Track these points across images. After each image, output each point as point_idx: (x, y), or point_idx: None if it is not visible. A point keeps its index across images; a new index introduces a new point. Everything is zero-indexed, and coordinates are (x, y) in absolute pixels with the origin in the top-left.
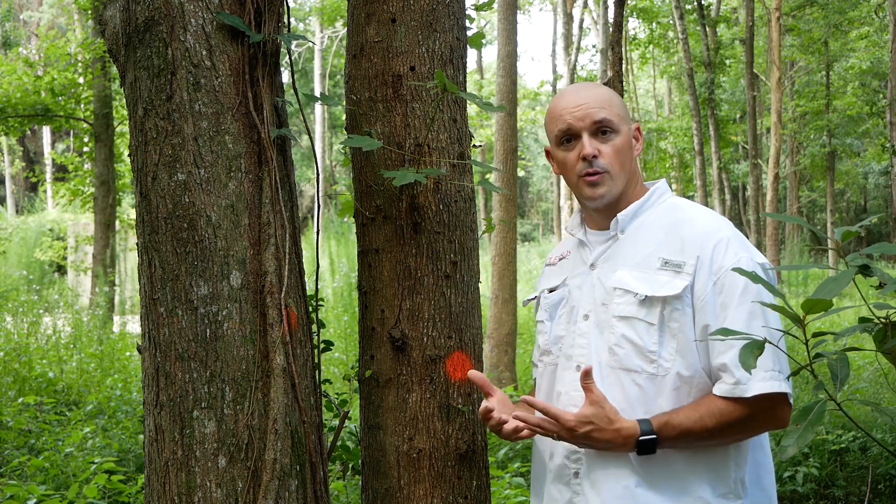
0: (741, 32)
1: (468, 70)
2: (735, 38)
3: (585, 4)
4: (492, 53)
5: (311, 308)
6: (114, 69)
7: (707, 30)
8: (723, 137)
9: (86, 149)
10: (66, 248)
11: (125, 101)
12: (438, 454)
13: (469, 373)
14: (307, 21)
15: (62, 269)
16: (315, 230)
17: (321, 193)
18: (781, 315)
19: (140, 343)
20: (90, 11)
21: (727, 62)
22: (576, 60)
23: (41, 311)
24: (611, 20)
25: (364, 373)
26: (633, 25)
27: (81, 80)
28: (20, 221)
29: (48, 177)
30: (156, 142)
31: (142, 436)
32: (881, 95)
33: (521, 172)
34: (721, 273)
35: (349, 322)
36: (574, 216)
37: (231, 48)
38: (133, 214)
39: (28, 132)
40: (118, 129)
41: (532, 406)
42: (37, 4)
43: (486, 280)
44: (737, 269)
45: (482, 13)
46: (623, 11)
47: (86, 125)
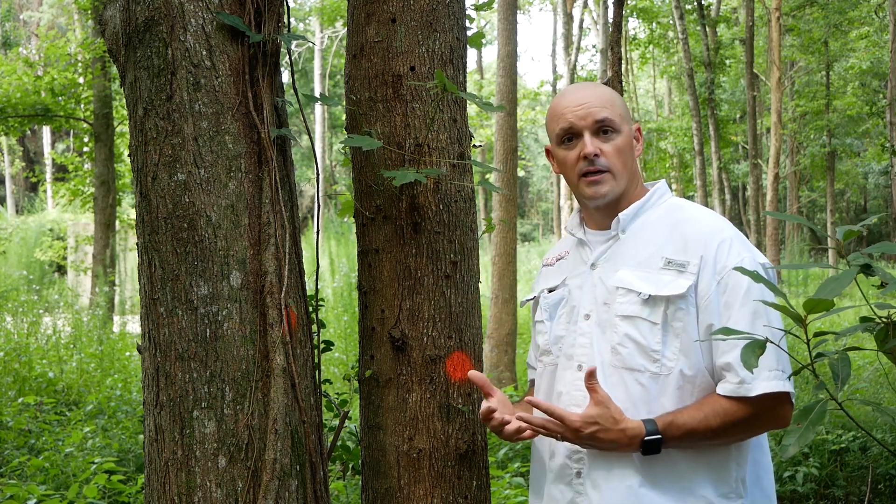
0: (741, 32)
1: (468, 70)
2: (735, 38)
3: (585, 4)
4: (492, 53)
5: (311, 308)
6: (114, 69)
7: (707, 30)
8: (723, 137)
9: (86, 149)
10: (66, 248)
11: (125, 101)
12: (438, 454)
13: (469, 373)
14: (307, 21)
15: (62, 269)
16: (315, 230)
17: (321, 193)
18: (783, 314)
19: (140, 343)
20: (90, 11)
21: (727, 62)
22: (576, 60)
23: (41, 311)
24: (611, 20)
25: (364, 373)
26: (633, 25)
27: (81, 80)
28: (20, 221)
29: (48, 177)
30: (156, 142)
31: (142, 436)
32: (881, 95)
33: (521, 172)
34: (725, 273)
35: (349, 322)
36: (573, 216)
37: (231, 48)
38: (133, 214)
39: (28, 132)
40: (118, 129)
41: (536, 407)
42: (37, 4)
43: (486, 280)
44: (738, 269)
45: (482, 13)
46: (622, 11)
47: (86, 125)
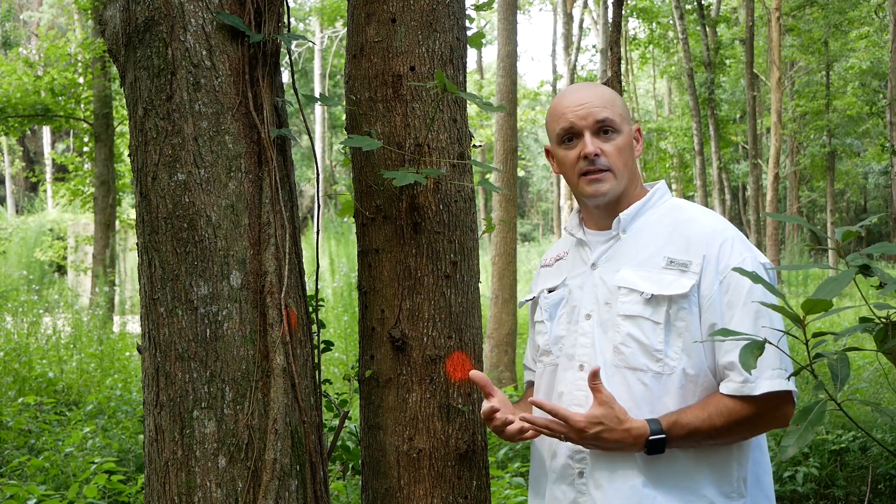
0: (741, 32)
1: (468, 70)
2: (735, 38)
3: (585, 4)
4: (492, 53)
5: (311, 308)
6: (114, 69)
7: (707, 30)
8: (723, 137)
9: (86, 149)
10: (66, 248)
11: (125, 101)
12: (438, 454)
13: (470, 373)
14: (307, 21)
15: (62, 269)
16: (315, 230)
17: (321, 193)
18: (782, 315)
19: (140, 343)
20: (90, 11)
21: (727, 62)
22: (576, 60)
23: (41, 311)
24: (610, 20)
25: (364, 373)
26: (633, 25)
27: (81, 80)
28: (20, 221)
29: (48, 177)
30: (156, 142)
31: (142, 436)
32: (881, 95)
33: (521, 172)
34: (727, 272)
35: (349, 322)
36: (573, 216)
37: (231, 48)
38: (133, 214)
39: (28, 132)
40: (118, 129)
41: (540, 407)
42: (37, 4)
43: (486, 280)
44: (737, 269)
45: (482, 13)
46: (622, 12)
47: (86, 125)
